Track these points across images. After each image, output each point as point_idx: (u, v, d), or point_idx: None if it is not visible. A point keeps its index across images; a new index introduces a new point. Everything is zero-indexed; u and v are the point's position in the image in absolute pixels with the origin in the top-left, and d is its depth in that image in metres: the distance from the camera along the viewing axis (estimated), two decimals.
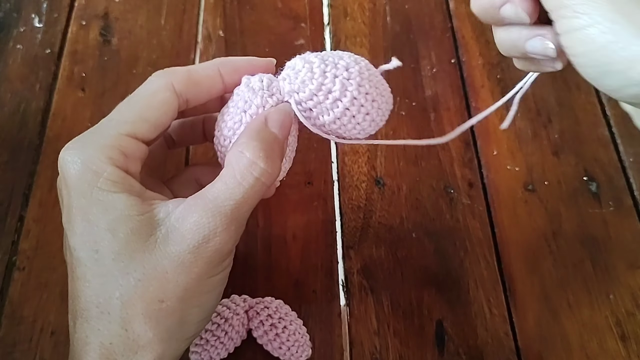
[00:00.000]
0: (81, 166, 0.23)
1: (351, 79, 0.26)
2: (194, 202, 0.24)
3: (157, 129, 0.25)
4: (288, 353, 0.33)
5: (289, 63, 0.27)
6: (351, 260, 0.38)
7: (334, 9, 0.50)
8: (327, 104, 0.26)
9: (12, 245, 0.37)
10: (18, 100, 0.43)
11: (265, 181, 0.24)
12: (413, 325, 0.36)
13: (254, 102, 0.26)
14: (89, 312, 0.23)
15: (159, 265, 0.23)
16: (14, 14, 0.47)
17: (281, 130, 0.25)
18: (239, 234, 0.25)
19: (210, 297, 0.25)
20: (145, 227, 0.23)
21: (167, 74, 0.26)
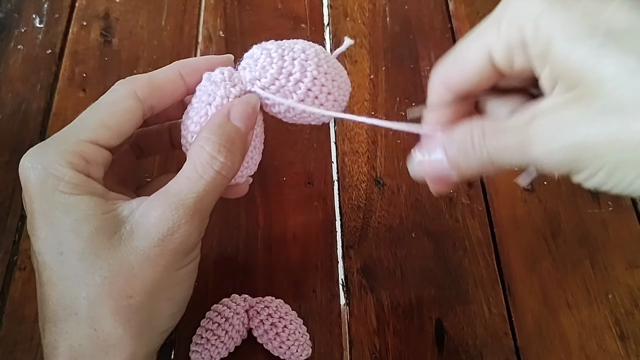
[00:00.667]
0: (42, 171, 0.23)
1: (309, 59, 0.26)
2: (157, 198, 0.24)
3: (120, 136, 0.26)
4: (288, 352, 0.33)
5: (247, 53, 0.27)
6: (351, 259, 0.38)
7: (333, 9, 0.50)
8: (289, 86, 0.26)
9: (13, 244, 0.37)
10: (19, 101, 0.43)
11: (226, 174, 0.24)
12: (413, 324, 0.36)
13: (217, 94, 0.26)
14: (57, 315, 0.23)
15: (124, 261, 0.23)
16: (15, 14, 0.47)
17: (244, 122, 0.25)
18: (203, 226, 0.25)
19: (179, 290, 0.25)
20: (110, 225, 0.23)
21: (129, 82, 0.26)
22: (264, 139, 0.29)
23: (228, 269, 0.37)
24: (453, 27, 0.50)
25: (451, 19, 0.50)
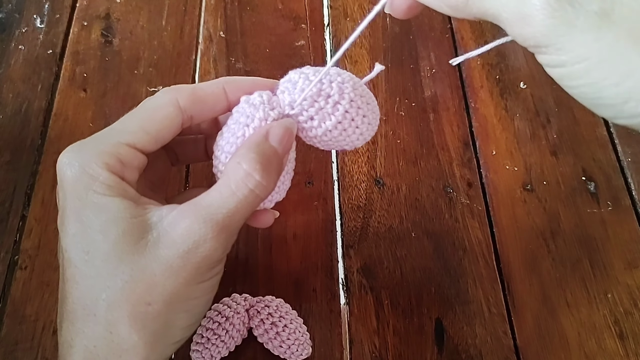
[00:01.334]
0: (78, 169, 0.24)
1: (345, 82, 0.27)
2: (188, 208, 0.24)
3: (158, 141, 0.26)
4: (288, 351, 0.33)
5: (284, 79, 0.27)
6: (351, 259, 0.38)
7: (333, 10, 0.50)
8: (327, 108, 0.26)
9: (14, 244, 0.37)
10: (20, 101, 0.43)
11: (260, 194, 0.24)
12: (412, 324, 0.36)
13: (256, 116, 0.26)
14: (75, 314, 0.23)
15: (147, 268, 0.23)
16: (15, 14, 0.47)
17: (281, 144, 0.25)
18: (230, 243, 0.25)
19: (198, 303, 0.25)
20: (137, 229, 0.23)
21: (173, 90, 0.26)
22: (294, 166, 0.30)
23: (228, 268, 0.37)
24: (453, 27, 0.50)
25: (451, 19, 0.50)
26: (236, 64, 0.46)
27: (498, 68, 0.47)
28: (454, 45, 0.49)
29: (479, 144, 0.44)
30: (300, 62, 0.47)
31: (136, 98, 0.44)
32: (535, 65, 0.48)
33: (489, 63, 0.48)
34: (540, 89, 0.47)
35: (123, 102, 0.43)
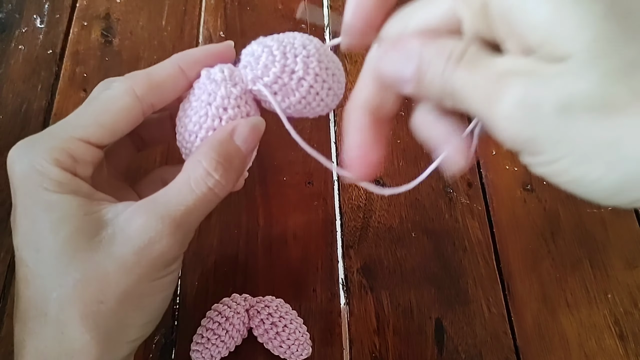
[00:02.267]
0: (27, 166, 0.23)
1: (311, 56, 0.26)
2: (145, 204, 0.23)
3: (114, 134, 0.25)
4: (288, 351, 0.33)
5: (246, 50, 0.26)
6: (351, 259, 0.38)
7: (334, 9, 0.50)
8: (292, 84, 0.26)
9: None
10: (20, 101, 0.43)
11: (219, 193, 0.24)
12: (412, 324, 0.36)
13: (218, 94, 0.25)
14: (27, 313, 0.23)
15: (100, 266, 0.22)
16: (15, 14, 0.47)
17: (246, 143, 0.25)
18: (187, 240, 0.24)
19: (153, 301, 0.24)
20: (91, 226, 0.23)
21: (127, 79, 0.25)
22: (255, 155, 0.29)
23: (228, 268, 0.37)
24: None
25: None
26: (236, 63, 0.46)
27: None
28: None
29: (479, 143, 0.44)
30: None
31: None
32: None
33: None
34: None
35: None
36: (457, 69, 0.18)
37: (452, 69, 0.18)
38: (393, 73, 0.21)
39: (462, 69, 0.18)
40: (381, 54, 0.21)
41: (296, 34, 0.27)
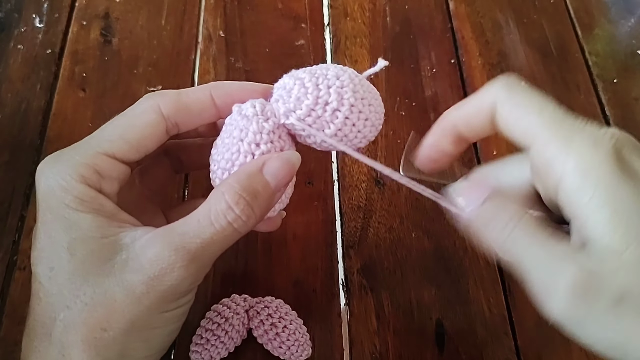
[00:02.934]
0: (52, 181, 0.23)
1: (345, 86, 0.25)
2: (162, 233, 0.23)
3: (139, 150, 0.25)
4: (288, 352, 0.33)
5: (278, 84, 0.26)
6: (351, 259, 0.38)
7: (334, 9, 0.50)
8: (326, 116, 0.25)
9: (13, 244, 0.37)
10: (19, 100, 0.43)
11: (238, 228, 0.23)
12: (413, 324, 0.36)
13: (250, 130, 0.24)
14: (35, 331, 0.23)
15: (109, 292, 0.22)
16: (14, 14, 0.47)
17: (277, 179, 0.24)
18: (201, 274, 0.24)
19: (158, 334, 0.24)
20: (106, 250, 0.22)
21: (155, 96, 0.25)
22: (292, 191, 0.28)
23: (228, 268, 0.37)
24: (453, 26, 0.50)
25: (451, 19, 0.50)
26: (236, 63, 0.46)
27: (499, 67, 0.47)
28: (455, 44, 0.49)
29: (479, 144, 0.44)
30: (300, 62, 0.46)
31: (135, 98, 0.43)
32: (537, 64, 0.48)
33: (490, 62, 0.48)
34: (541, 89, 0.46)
35: (122, 102, 0.43)
36: (517, 235, 0.20)
37: (513, 234, 0.21)
38: (459, 219, 0.23)
39: (522, 235, 0.20)
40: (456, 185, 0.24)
41: (329, 65, 0.26)
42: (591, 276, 0.19)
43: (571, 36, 0.50)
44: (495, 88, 0.22)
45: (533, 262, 0.20)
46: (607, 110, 0.46)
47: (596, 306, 0.19)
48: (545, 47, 0.49)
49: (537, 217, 0.21)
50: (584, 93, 0.46)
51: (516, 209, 0.21)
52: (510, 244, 0.21)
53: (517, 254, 0.21)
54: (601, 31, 0.51)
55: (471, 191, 0.23)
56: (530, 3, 0.51)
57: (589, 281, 0.19)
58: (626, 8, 0.52)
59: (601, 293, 0.18)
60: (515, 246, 0.21)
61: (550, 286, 0.19)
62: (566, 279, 0.19)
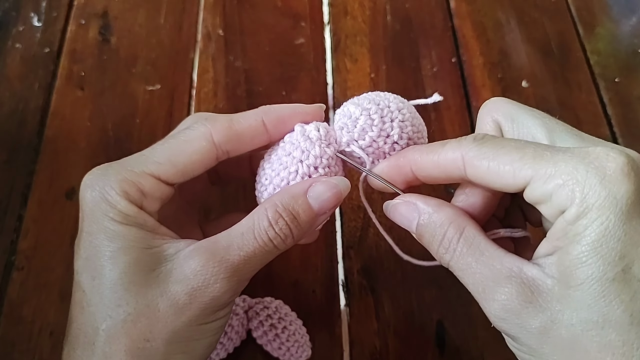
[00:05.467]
0: (97, 194, 0.23)
1: (406, 120, 0.26)
2: (206, 245, 0.23)
3: (185, 175, 0.25)
4: (288, 353, 0.33)
5: (342, 111, 0.26)
6: (351, 260, 0.38)
7: (334, 7, 0.50)
8: (385, 148, 0.26)
9: (11, 244, 0.37)
10: (17, 100, 0.42)
11: (278, 246, 0.24)
12: (413, 325, 0.36)
13: (311, 153, 0.25)
14: (77, 339, 0.23)
15: (152, 302, 0.22)
16: (12, 12, 0.47)
17: (321, 204, 0.24)
18: (241, 287, 0.24)
19: (199, 346, 0.24)
20: (150, 260, 0.23)
21: (209, 122, 0.25)
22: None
23: None
24: (454, 25, 0.49)
25: (452, 17, 0.50)
26: (235, 62, 0.46)
27: (500, 66, 0.47)
28: (456, 43, 0.48)
29: None
30: (300, 61, 0.46)
31: (134, 97, 0.43)
32: (538, 63, 0.48)
33: (491, 62, 0.47)
34: (542, 88, 0.46)
35: (121, 101, 0.43)
36: (455, 251, 0.23)
37: (450, 248, 0.23)
38: (399, 222, 0.25)
39: (460, 253, 0.22)
40: (393, 202, 0.25)
41: (389, 95, 0.26)
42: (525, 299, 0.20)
43: (572, 35, 0.50)
44: (462, 146, 0.23)
45: (470, 278, 0.22)
46: (608, 110, 0.46)
47: (524, 332, 0.20)
48: (547, 46, 0.49)
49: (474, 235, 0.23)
50: (585, 92, 0.46)
51: (453, 230, 0.23)
52: (449, 260, 0.23)
53: (457, 269, 0.23)
54: (603, 30, 0.51)
55: (406, 212, 0.25)
56: (532, 2, 0.51)
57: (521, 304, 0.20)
58: (628, 7, 0.52)
59: (533, 317, 0.20)
60: (454, 263, 0.23)
61: (487, 299, 0.21)
62: (504, 298, 0.21)
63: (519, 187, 0.21)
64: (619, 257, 0.19)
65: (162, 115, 0.43)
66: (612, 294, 0.19)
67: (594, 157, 0.20)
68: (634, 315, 0.19)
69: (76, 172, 0.40)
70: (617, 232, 0.19)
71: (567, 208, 0.20)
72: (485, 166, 0.22)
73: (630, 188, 0.19)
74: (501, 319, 0.21)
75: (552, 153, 0.21)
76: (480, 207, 0.25)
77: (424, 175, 0.25)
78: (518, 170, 0.21)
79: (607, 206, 0.19)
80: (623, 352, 0.19)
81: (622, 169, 0.19)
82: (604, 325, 0.19)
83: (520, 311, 0.20)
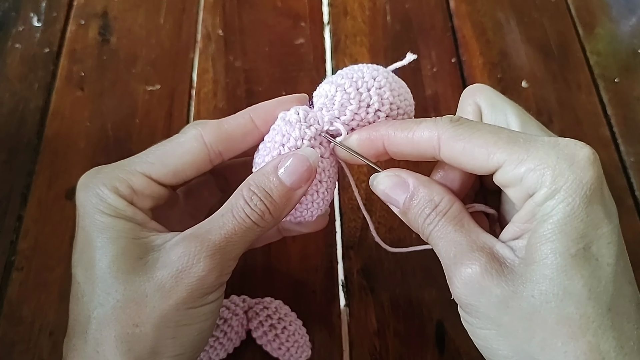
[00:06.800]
0: (90, 190, 0.25)
1: (382, 86, 0.26)
2: (190, 232, 0.24)
3: (177, 175, 0.26)
4: (287, 354, 0.33)
5: (317, 92, 0.26)
6: (351, 260, 0.38)
7: (333, 7, 0.50)
8: (369, 118, 0.26)
9: (11, 245, 0.37)
10: (17, 100, 0.42)
11: (257, 222, 0.24)
12: (413, 325, 0.36)
13: (292, 135, 0.25)
14: (73, 329, 0.24)
15: (140, 288, 0.23)
16: (12, 13, 0.47)
17: (292, 178, 0.25)
18: (226, 268, 0.24)
19: (188, 332, 0.24)
20: (138, 249, 0.24)
21: (199, 125, 0.26)
22: (334, 177, 0.28)
23: None
24: (454, 25, 0.49)
25: (452, 18, 0.50)
26: (235, 62, 0.46)
27: (500, 67, 0.47)
28: (455, 43, 0.48)
29: None
30: (300, 61, 0.46)
31: (134, 97, 0.43)
32: (538, 64, 0.48)
33: (491, 62, 0.47)
34: (542, 88, 0.46)
35: (120, 101, 0.43)
36: (439, 222, 0.24)
37: (435, 220, 0.24)
38: (386, 197, 0.25)
39: (443, 224, 0.23)
40: (382, 175, 0.26)
41: (362, 66, 0.26)
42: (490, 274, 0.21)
43: (572, 35, 0.50)
44: (438, 125, 0.23)
45: (445, 244, 0.23)
46: (608, 110, 0.46)
47: (484, 301, 0.21)
48: (546, 47, 0.49)
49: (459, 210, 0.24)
50: (585, 92, 0.46)
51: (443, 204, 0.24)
52: (431, 230, 0.24)
53: (435, 237, 0.24)
54: (602, 30, 0.51)
55: (394, 187, 0.25)
56: (531, 2, 0.51)
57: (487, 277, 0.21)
58: (627, 7, 0.52)
59: (496, 286, 0.21)
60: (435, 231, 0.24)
61: (456, 272, 0.23)
62: (471, 270, 0.22)
63: (490, 170, 0.22)
64: (580, 235, 0.20)
65: (161, 116, 0.43)
66: (573, 268, 0.20)
67: (563, 145, 0.22)
68: (592, 290, 0.20)
69: (76, 172, 0.40)
70: (580, 213, 0.20)
71: (536, 191, 0.21)
72: (460, 147, 0.22)
73: (594, 175, 0.21)
74: (465, 284, 0.22)
75: (524, 140, 0.22)
76: (458, 186, 0.25)
77: (395, 151, 0.25)
78: (492, 154, 0.22)
79: (574, 189, 0.20)
80: (579, 325, 0.20)
81: (588, 158, 0.21)
82: (564, 298, 0.20)
83: (485, 277, 0.21)
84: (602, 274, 0.20)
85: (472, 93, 0.27)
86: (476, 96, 0.26)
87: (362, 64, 0.27)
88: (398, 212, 0.25)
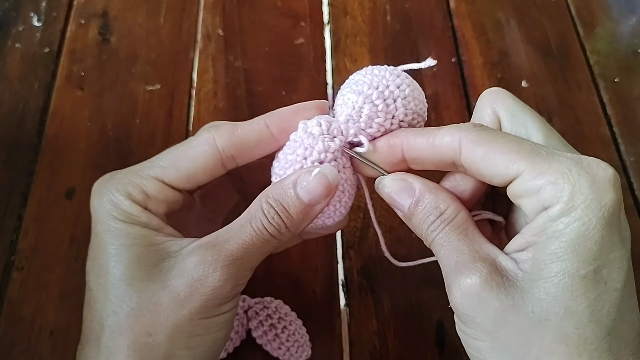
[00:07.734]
0: (104, 196, 0.24)
1: (407, 96, 0.25)
2: (207, 239, 0.24)
3: (190, 179, 0.25)
4: (287, 353, 0.33)
5: (342, 102, 0.26)
6: (351, 260, 0.38)
7: (334, 7, 0.50)
8: (392, 128, 0.25)
9: (11, 244, 0.37)
10: (17, 100, 0.42)
11: (273, 234, 0.24)
12: (413, 325, 0.36)
13: (315, 148, 0.25)
14: (86, 337, 0.23)
15: (154, 296, 0.22)
16: (12, 12, 0.47)
17: (311, 196, 0.24)
18: (241, 278, 0.24)
19: (201, 342, 0.24)
20: (153, 256, 0.23)
21: (212, 128, 0.26)
22: (355, 184, 0.28)
23: None
24: (454, 25, 0.49)
25: (452, 17, 0.50)
26: (235, 62, 0.46)
27: (500, 66, 0.47)
28: (455, 43, 0.48)
29: None
30: (300, 60, 0.46)
31: (134, 97, 0.43)
32: (538, 63, 0.48)
33: (491, 61, 0.47)
34: (542, 88, 0.46)
35: (120, 101, 0.43)
36: (443, 230, 0.23)
37: (439, 227, 0.23)
38: (391, 200, 0.25)
39: (447, 232, 0.23)
40: (388, 178, 0.25)
41: (384, 72, 0.26)
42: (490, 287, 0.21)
43: (572, 35, 0.50)
44: (461, 130, 0.23)
45: (447, 251, 0.23)
46: (608, 110, 0.45)
47: (481, 313, 0.21)
48: (546, 46, 0.49)
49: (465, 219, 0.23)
50: (585, 92, 0.46)
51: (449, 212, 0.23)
52: (435, 237, 0.24)
53: (438, 244, 0.24)
54: (602, 30, 0.51)
55: (400, 191, 0.25)
56: (531, 2, 0.51)
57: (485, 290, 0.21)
58: (627, 7, 0.52)
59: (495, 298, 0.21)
60: (439, 238, 0.24)
61: (455, 281, 0.22)
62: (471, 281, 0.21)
63: (508, 178, 0.22)
64: (593, 258, 0.20)
65: (161, 115, 0.43)
66: (579, 290, 0.20)
67: (586, 163, 0.21)
68: (594, 313, 0.20)
69: (76, 172, 0.40)
70: (595, 235, 0.20)
71: (552, 205, 0.20)
72: (481, 152, 0.22)
73: (614, 197, 0.20)
74: (463, 294, 0.22)
75: (547, 153, 0.21)
76: (467, 197, 0.25)
77: (414, 156, 0.25)
78: (513, 162, 0.21)
79: (592, 209, 0.20)
80: (577, 345, 0.20)
81: (610, 179, 0.20)
82: (564, 317, 0.20)
83: (484, 289, 0.21)
84: (608, 298, 0.20)
85: (490, 100, 0.25)
86: (495, 104, 0.25)
87: (381, 67, 0.26)
88: (402, 216, 0.25)
